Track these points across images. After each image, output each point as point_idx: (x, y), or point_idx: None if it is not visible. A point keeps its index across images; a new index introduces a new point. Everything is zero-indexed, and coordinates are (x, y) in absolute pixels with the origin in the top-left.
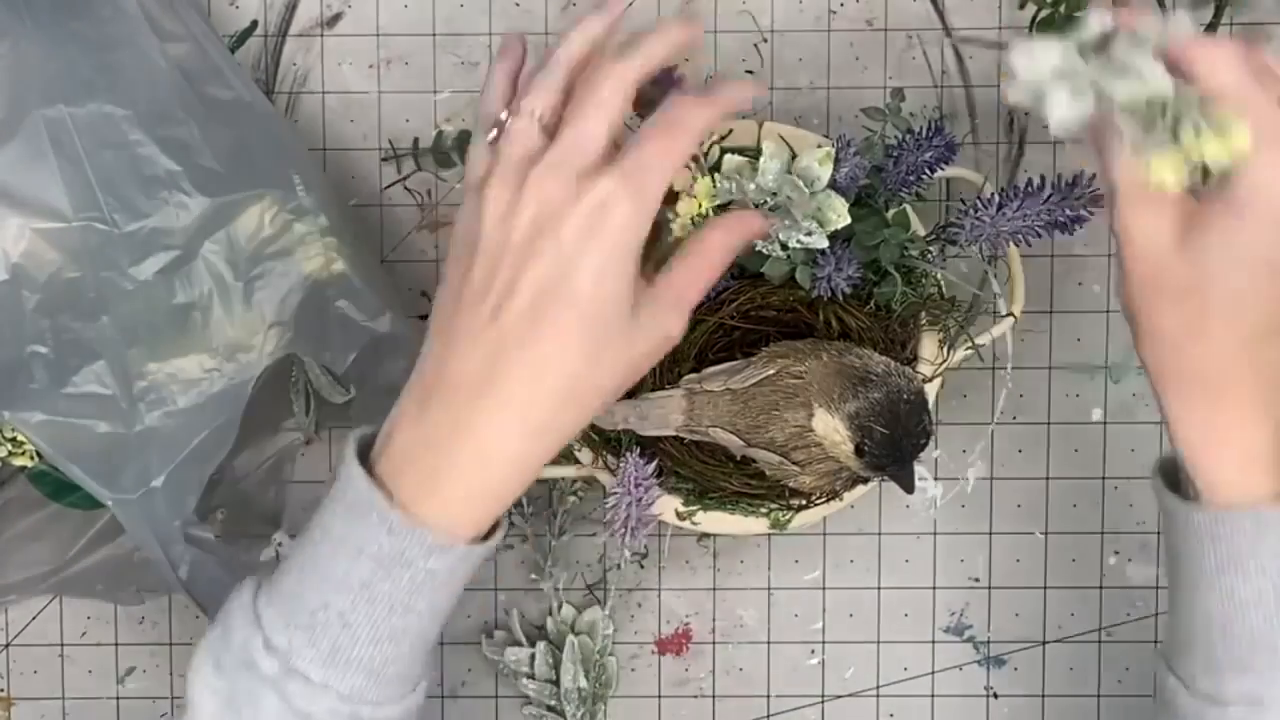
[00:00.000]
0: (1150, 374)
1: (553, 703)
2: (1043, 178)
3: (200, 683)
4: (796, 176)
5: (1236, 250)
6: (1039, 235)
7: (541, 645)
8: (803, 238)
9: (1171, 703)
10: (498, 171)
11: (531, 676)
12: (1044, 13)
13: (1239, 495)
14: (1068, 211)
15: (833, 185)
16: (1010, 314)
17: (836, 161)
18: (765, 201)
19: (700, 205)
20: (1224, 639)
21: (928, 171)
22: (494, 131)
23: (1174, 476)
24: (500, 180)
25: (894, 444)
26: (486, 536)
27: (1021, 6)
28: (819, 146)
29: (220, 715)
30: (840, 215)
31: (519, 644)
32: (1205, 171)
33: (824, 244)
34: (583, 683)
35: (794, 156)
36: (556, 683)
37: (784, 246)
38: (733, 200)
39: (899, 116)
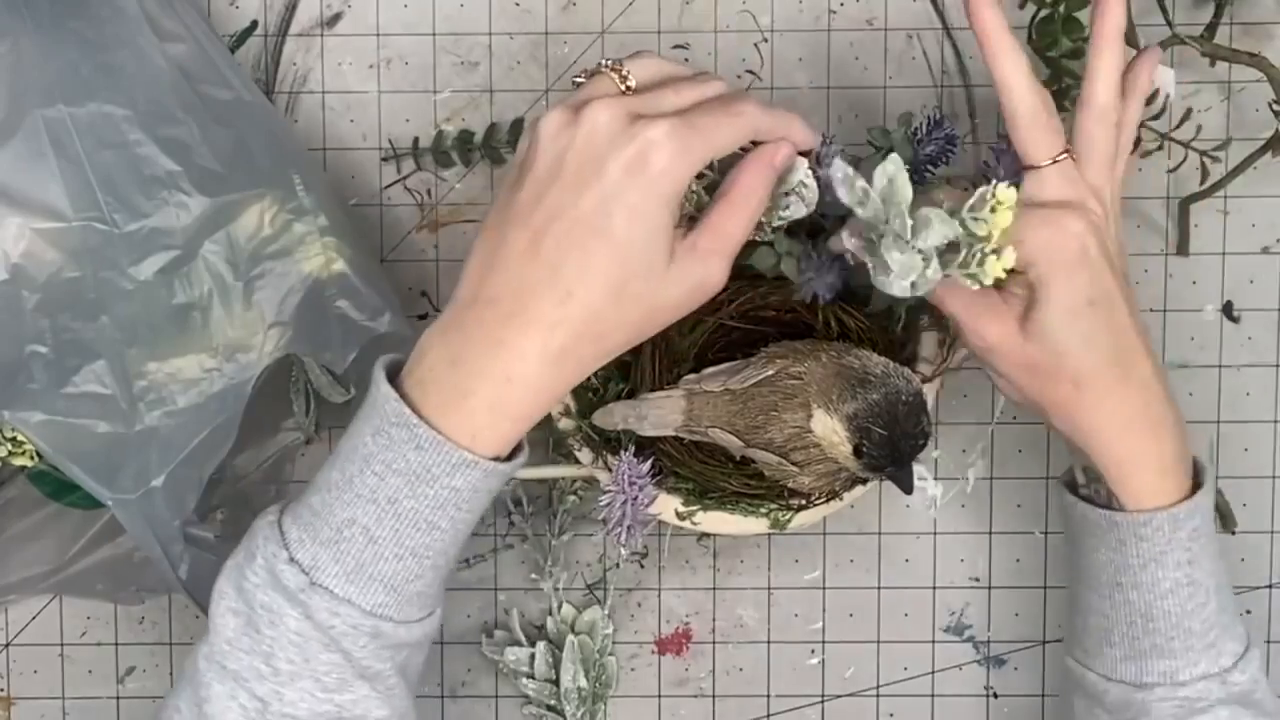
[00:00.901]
0: (1066, 430)
1: (553, 702)
2: None
3: (223, 606)
4: None
5: (1061, 308)
6: None
7: (541, 645)
8: (783, 213)
9: (1096, 695)
10: (565, 102)
11: (531, 676)
12: (1044, 12)
13: (1156, 500)
14: None
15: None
16: None
17: (819, 159)
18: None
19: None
20: (1146, 628)
21: (930, 168)
22: (581, 77)
23: (1076, 491)
24: (562, 107)
25: (892, 445)
26: (510, 458)
27: (1021, 6)
28: None
29: (240, 636)
30: (801, 169)
31: (519, 644)
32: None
33: (804, 212)
34: (583, 682)
35: None
36: (556, 682)
37: (771, 229)
38: (714, 182)
39: (904, 141)
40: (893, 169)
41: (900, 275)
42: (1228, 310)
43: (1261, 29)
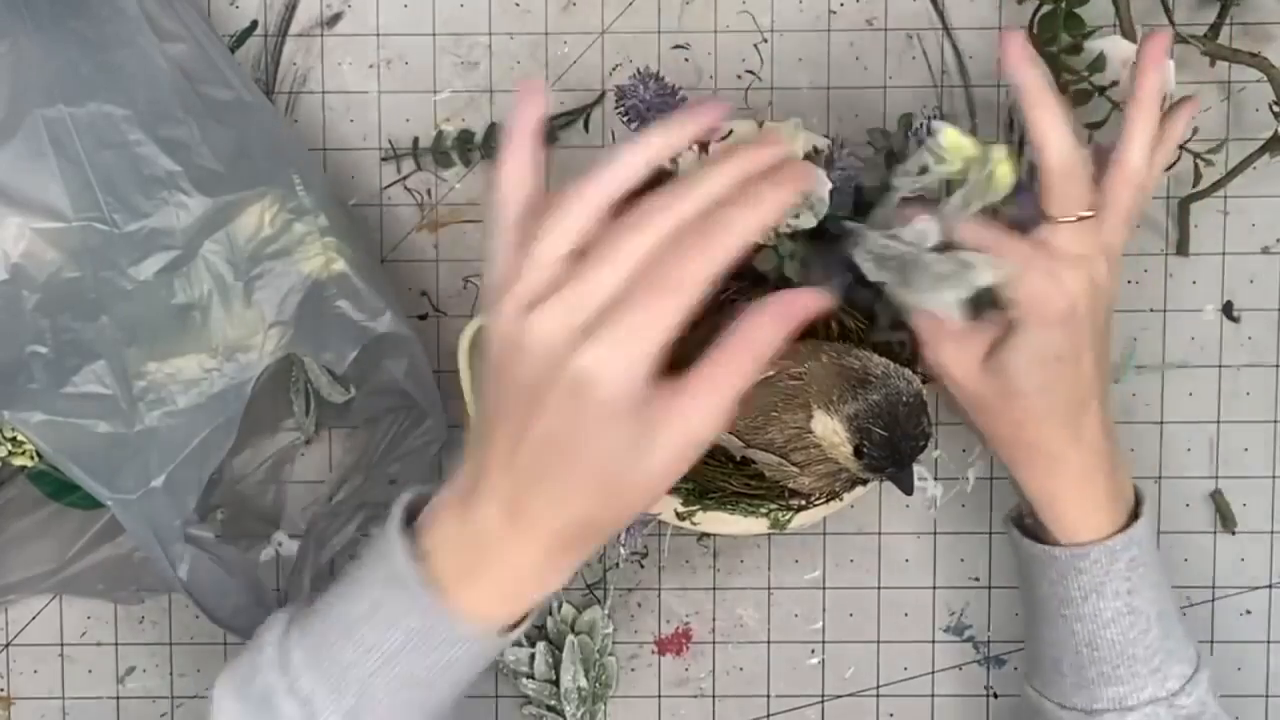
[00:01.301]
0: (1002, 458)
1: (553, 702)
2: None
3: (224, 706)
4: None
5: (1027, 355)
6: None
7: (541, 645)
8: (791, 221)
9: None
10: (506, 302)
11: (531, 676)
12: (1046, 8)
13: (1090, 535)
14: None
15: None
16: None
17: (831, 162)
18: None
19: None
20: (1091, 656)
21: None
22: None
23: (1023, 526)
24: (507, 315)
25: (893, 446)
26: (516, 624)
27: (1020, 1)
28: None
29: None
30: (821, 184)
31: (519, 644)
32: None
33: (813, 223)
34: (582, 682)
35: None
36: (556, 682)
37: (775, 234)
38: None
39: (904, 141)
40: (923, 223)
41: (943, 306)
42: (1228, 310)
43: (1260, 29)
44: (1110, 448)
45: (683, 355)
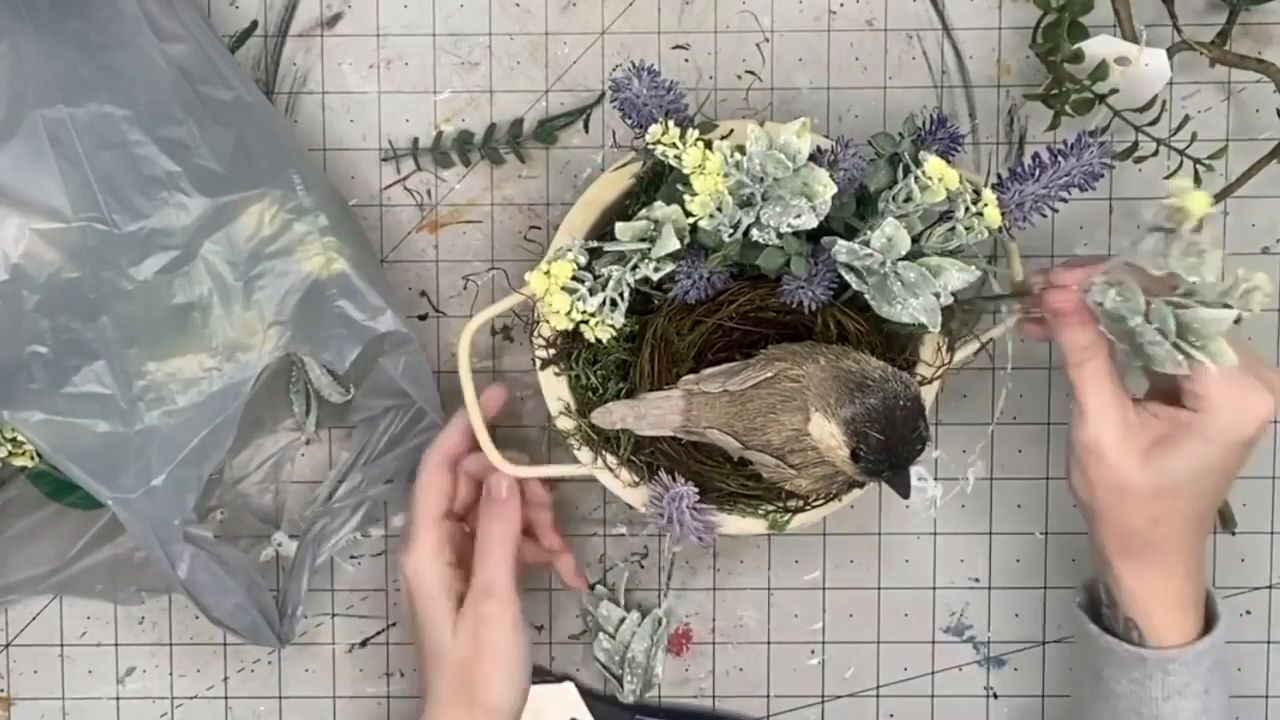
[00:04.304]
0: (1104, 550)
1: (618, 670)
2: (1079, 135)
3: None
4: (779, 153)
5: (1199, 465)
6: (1064, 200)
7: (635, 613)
8: (793, 221)
9: None
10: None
11: (612, 635)
12: (1049, 17)
13: (1179, 636)
14: (1082, 171)
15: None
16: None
17: (834, 163)
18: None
19: (717, 182)
20: None
21: None
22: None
23: (1097, 619)
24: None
25: (890, 450)
26: None
27: None
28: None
29: None
30: (826, 186)
31: (615, 602)
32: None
33: (814, 223)
34: (643, 658)
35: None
36: (625, 649)
37: (778, 234)
38: (740, 182)
39: (909, 144)
40: (891, 230)
41: (919, 313)
42: None
43: (1262, 30)
44: (1202, 556)
45: (678, 353)
